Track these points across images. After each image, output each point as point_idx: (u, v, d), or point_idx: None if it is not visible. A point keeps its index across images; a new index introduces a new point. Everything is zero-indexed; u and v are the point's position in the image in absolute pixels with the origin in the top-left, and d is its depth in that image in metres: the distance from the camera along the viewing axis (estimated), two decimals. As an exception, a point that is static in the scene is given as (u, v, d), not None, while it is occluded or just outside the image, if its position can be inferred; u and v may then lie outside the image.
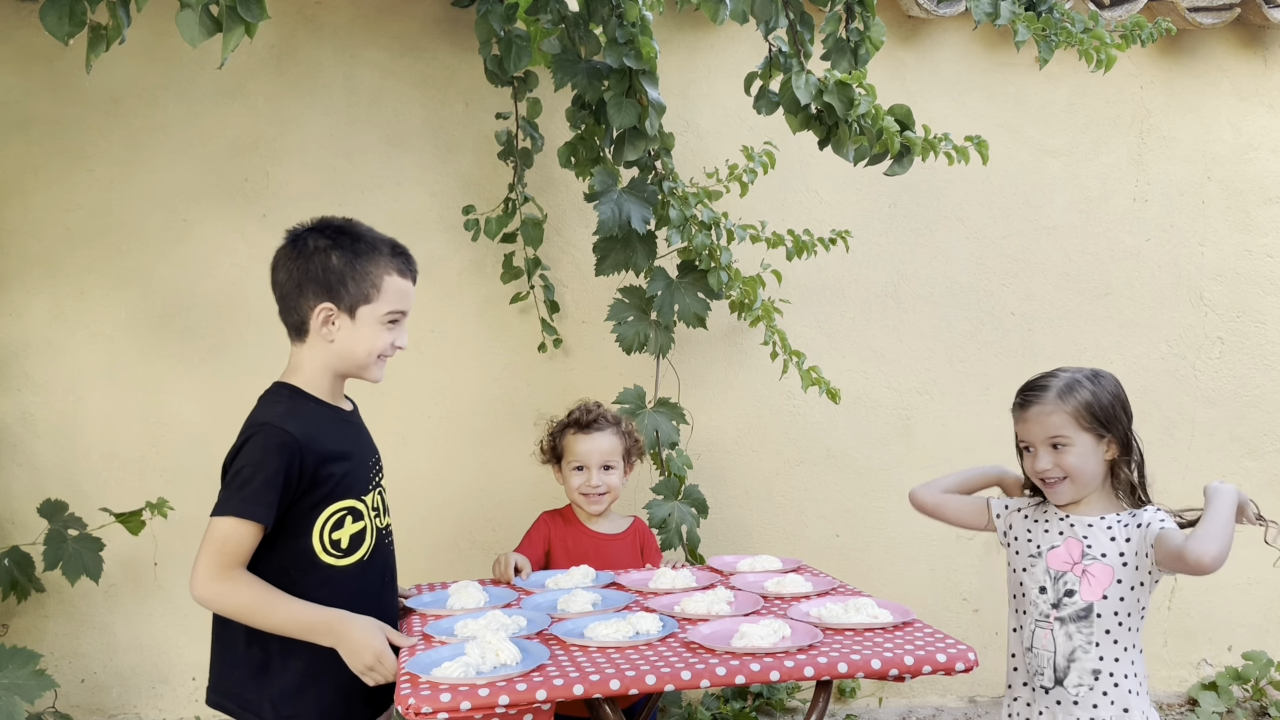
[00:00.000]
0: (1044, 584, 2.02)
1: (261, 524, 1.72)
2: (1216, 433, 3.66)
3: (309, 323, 1.84)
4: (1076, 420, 1.96)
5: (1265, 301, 3.67)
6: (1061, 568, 2.01)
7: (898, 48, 3.40)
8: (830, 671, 1.63)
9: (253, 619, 1.74)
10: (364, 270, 1.83)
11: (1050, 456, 1.98)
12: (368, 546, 1.88)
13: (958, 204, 3.49)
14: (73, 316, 3.06)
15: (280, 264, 1.87)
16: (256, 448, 1.76)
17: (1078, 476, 1.97)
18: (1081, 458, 1.97)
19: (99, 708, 3.13)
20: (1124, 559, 1.95)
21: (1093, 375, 2.02)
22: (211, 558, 1.71)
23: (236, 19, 1.87)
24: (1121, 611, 1.95)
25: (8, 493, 3.04)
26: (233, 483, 1.75)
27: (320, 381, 1.88)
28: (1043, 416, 1.98)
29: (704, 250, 2.89)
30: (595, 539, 2.47)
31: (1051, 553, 2.02)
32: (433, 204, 3.20)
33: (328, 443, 1.83)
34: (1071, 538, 2.00)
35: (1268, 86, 3.64)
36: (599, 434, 2.46)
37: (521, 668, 1.59)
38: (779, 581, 2.15)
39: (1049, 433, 1.97)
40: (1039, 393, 2.00)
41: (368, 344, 1.85)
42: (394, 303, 1.85)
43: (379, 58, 3.17)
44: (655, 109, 2.77)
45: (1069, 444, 1.96)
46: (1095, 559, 1.96)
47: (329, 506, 1.82)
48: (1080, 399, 1.96)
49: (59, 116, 3.03)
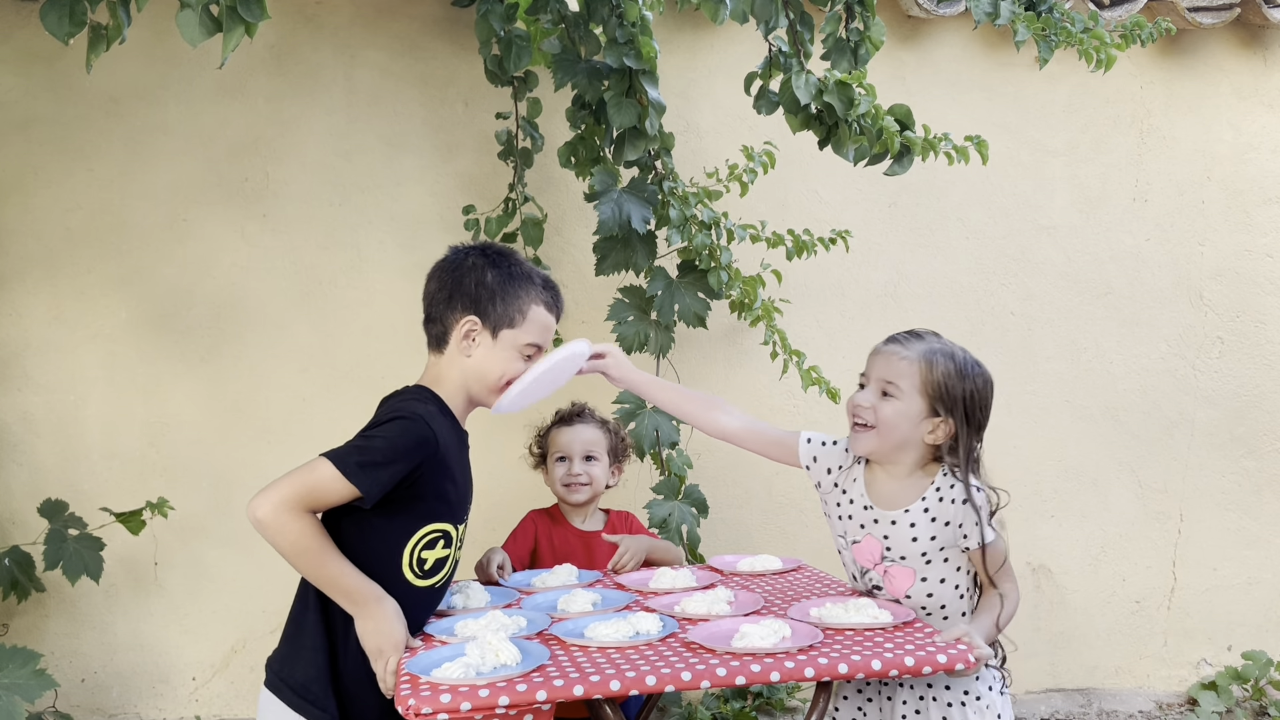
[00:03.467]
0: (854, 573, 2.00)
1: (362, 495, 1.69)
2: (1216, 433, 3.66)
3: (450, 334, 1.85)
4: (921, 384, 1.85)
5: (1265, 301, 3.67)
6: (866, 564, 1.95)
7: (898, 48, 3.40)
8: (831, 672, 1.63)
9: (300, 560, 1.68)
10: (514, 294, 1.85)
11: (872, 396, 1.89)
12: (445, 574, 1.87)
13: (958, 204, 3.49)
14: (73, 316, 3.06)
15: (435, 274, 1.90)
16: (399, 429, 1.73)
17: (886, 433, 1.88)
18: (899, 416, 1.86)
19: (99, 708, 3.13)
20: (926, 558, 1.89)
21: (970, 364, 1.90)
22: (295, 489, 1.66)
23: (236, 19, 1.87)
24: (932, 604, 1.91)
25: (8, 493, 3.04)
26: (361, 443, 1.72)
27: (456, 400, 1.88)
28: (893, 358, 1.88)
29: (704, 250, 2.89)
30: (582, 537, 2.47)
31: (855, 547, 1.96)
32: (433, 204, 3.20)
33: (453, 462, 1.83)
34: (872, 535, 1.93)
35: (1268, 86, 3.64)
36: (581, 425, 2.49)
37: (521, 668, 1.58)
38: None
39: (886, 375, 1.88)
40: (906, 342, 1.90)
41: (502, 367, 1.85)
42: (536, 334, 1.87)
43: (379, 58, 3.17)
44: (655, 109, 2.78)
45: (896, 397, 1.86)
46: (894, 561, 1.91)
47: (432, 524, 1.80)
48: (939, 369, 1.86)
49: (59, 116, 3.03)
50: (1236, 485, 3.69)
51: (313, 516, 1.70)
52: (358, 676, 1.76)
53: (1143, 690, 3.67)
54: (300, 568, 1.71)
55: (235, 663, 3.20)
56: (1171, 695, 3.67)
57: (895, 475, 1.95)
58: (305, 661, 1.77)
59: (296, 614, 1.82)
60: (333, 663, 1.77)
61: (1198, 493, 3.68)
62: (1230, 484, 3.68)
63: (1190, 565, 3.69)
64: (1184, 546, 3.68)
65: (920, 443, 1.91)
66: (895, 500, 1.93)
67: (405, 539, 1.79)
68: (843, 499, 2.01)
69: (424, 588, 1.83)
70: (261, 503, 1.65)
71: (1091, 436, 3.58)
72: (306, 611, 1.79)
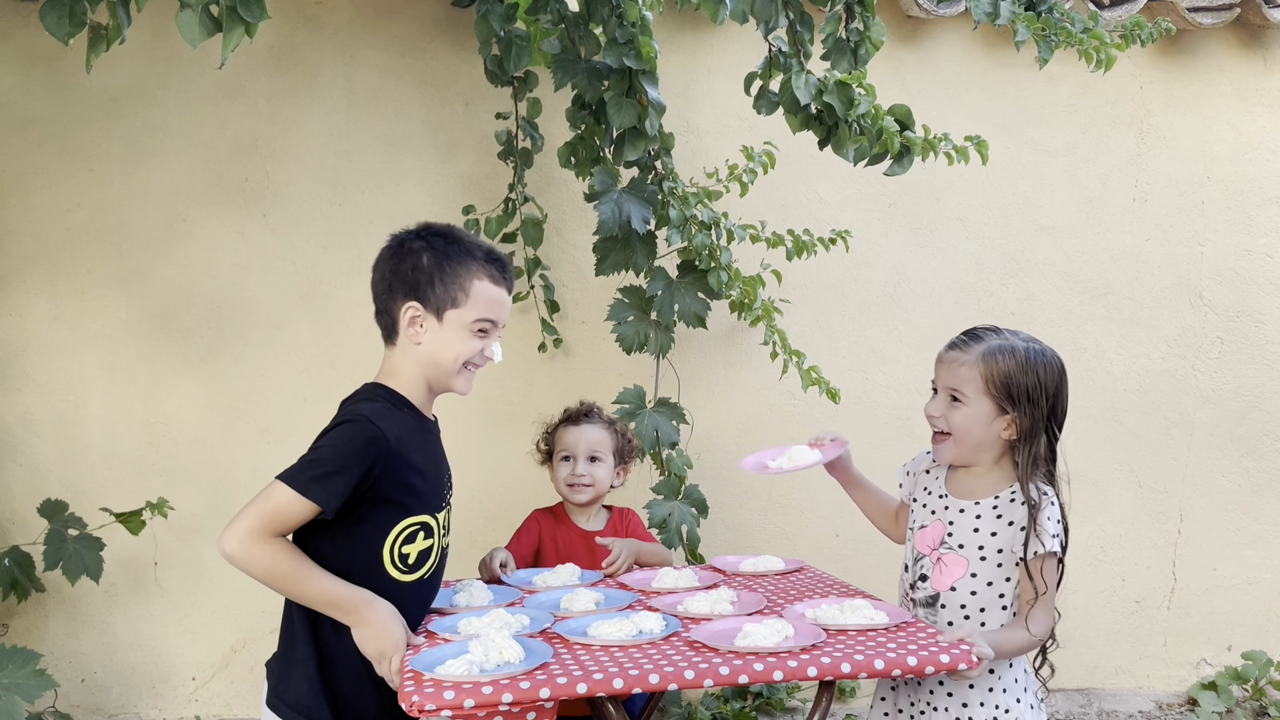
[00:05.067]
0: (907, 561, 1.98)
1: (321, 508, 1.68)
2: (1216, 433, 3.67)
3: (398, 323, 1.82)
4: (985, 385, 1.85)
5: (1265, 301, 3.68)
6: (923, 550, 1.94)
7: (898, 48, 3.40)
8: (834, 672, 1.63)
9: (279, 585, 1.69)
10: (453, 273, 1.80)
11: (942, 405, 1.90)
12: (431, 564, 1.86)
13: (958, 204, 3.49)
14: (73, 316, 3.06)
15: (376, 265, 1.86)
16: (345, 434, 1.72)
17: (961, 439, 1.89)
18: (969, 421, 1.87)
19: (99, 708, 3.12)
20: (983, 553, 1.87)
21: (1034, 354, 1.88)
22: (257, 518, 1.66)
23: (236, 19, 1.87)
24: (971, 605, 1.88)
25: (8, 493, 3.04)
26: (311, 456, 1.71)
27: (414, 389, 1.85)
28: (954, 365, 1.89)
29: (704, 250, 2.89)
30: (585, 537, 2.47)
31: (920, 532, 1.96)
32: (433, 204, 3.20)
33: (414, 453, 1.80)
34: (939, 521, 1.93)
35: (1268, 86, 3.65)
36: (588, 425, 2.49)
37: (525, 666, 1.59)
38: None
39: (951, 383, 1.89)
40: (964, 345, 1.90)
41: (454, 349, 1.81)
42: (483, 310, 1.82)
43: (379, 58, 3.17)
44: (655, 109, 2.78)
45: (963, 403, 1.87)
46: (952, 548, 1.90)
47: (405, 519, 1.79)
48: (1000, 367, 1.85)
49: (59, 116, 3.03)
50: (1236, 485, 3.70)
51: (282, 540, 1.69)
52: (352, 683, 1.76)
53: (1143, 690, 3.68)
54: (282, 591, 1.72)
55: (235, 663, 3.19)
56: (1171, 695, 3.67)
57: (976, 473, 1.96)
58: (298, 675, 1.77)
59: (285, 626, 1.81)
60: (324, 671, 1.76)
61: (1198, 493, 3.68)
62: (1230, 484, 3.69)
63: (1190, 565, 3.69)
64: (1184, 546, 3.69)
65: (998, 440, 1.90)
66: (972, 492, 1.94)
67: (382, 539, 1.77)
68: (919, 491, 2.04)
69: (413, 582, 1.82)
70: (228, 538, 1.66)
71: (1091, 436, 3.58)
72: (293, 623, 1.78)
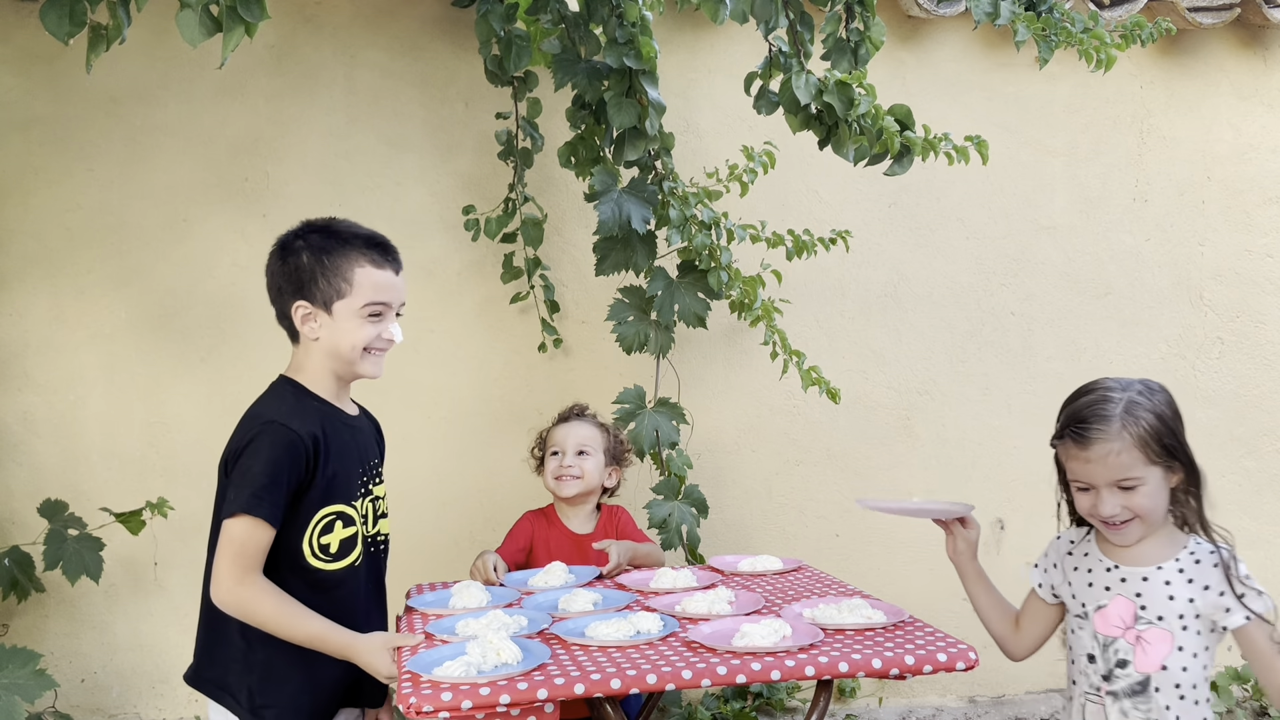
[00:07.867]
0: (1092, 651, 1.73)
1: (272, 525, 1.72)
2: (1216, 433, 3.66)
3: (295, 323, 1.86)
4: (1145, 454, 1.64)
5: (1265, 301, 3.67)
6: (1111, 633, 1.70)
7: (898, 48, 3.40)
8: (831, 671, 1.63)
9: (276, 629, 1.73)
10: (333, 266, 1.83)
11: (1118, 499, 1.66)
12: (358, 553, 1.88)
13: (958, 204, 3.49)
14: (73, 316, 3.06)
15: (266, 270, 1.90)
16: (264, 446, 1.74)
17: (1150, 516, 1.68)
18: (1152, 496, 1.66)
19: (99, 708, 3.12)
20: (1183, 622, 1.66)
21: (1146, 390, 1.69)
22: (233, 561, 1.70)
23: (236, 19, 1.87)
24: (1185, 682, 1.66)
25: (8, 493, 3.04)
26: (241, 481, 1.73)
27: (323, 381, 1.88)
28: (1109, 456, 1.64)
29: (704, 250, 2.89)
30: (575, 539, 2.47)
31: (1099, 614, 1.72)
32: (433, 204, 3.20)
33: (327, 445, 1.83)
34: (1122, 595, 1.70)
35: (1268, 86, 3.65)
36: (577, 422, 2.52)
37: (522, 667, 1.59)
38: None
39: (1117, 475, 1.65)
40: (1101, 425, 1.65)
41: (350, 338, 1.84)
42: (370, 295, 1.84)
43: (379, 58, 3.17)
44: (655, 109, 2.77)
45: (1140, 483, 1.65)
46: (1151, 622, 1.67)
47: (320, 510, 1.81)
48: (1145, 426, 1.65)
49: (59, 116, 3.03)
50: (1236, 485, 3.69)
51: (263, 579, 1.73)
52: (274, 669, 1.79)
53: (1143, 690, 3.67)
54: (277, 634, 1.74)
55: (235, 663, 3.19)
56: (1171, 695, 3.66)
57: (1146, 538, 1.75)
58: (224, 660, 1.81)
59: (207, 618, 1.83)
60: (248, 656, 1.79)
61: (1198, 493, 3.67)
62: (1230, 484, 3.68)
63: (1190, 565, 3.68)
64: (1184, 546, 3.68)
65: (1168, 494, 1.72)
66: (1145, 557, 1.72)
67: (300, 532, 1.80)
68: (1072, 574, 1.80)
69: (341, 570, 1.85)
70: (218, 591, 1.72)
71: (1091, 436, 3.58)
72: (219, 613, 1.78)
